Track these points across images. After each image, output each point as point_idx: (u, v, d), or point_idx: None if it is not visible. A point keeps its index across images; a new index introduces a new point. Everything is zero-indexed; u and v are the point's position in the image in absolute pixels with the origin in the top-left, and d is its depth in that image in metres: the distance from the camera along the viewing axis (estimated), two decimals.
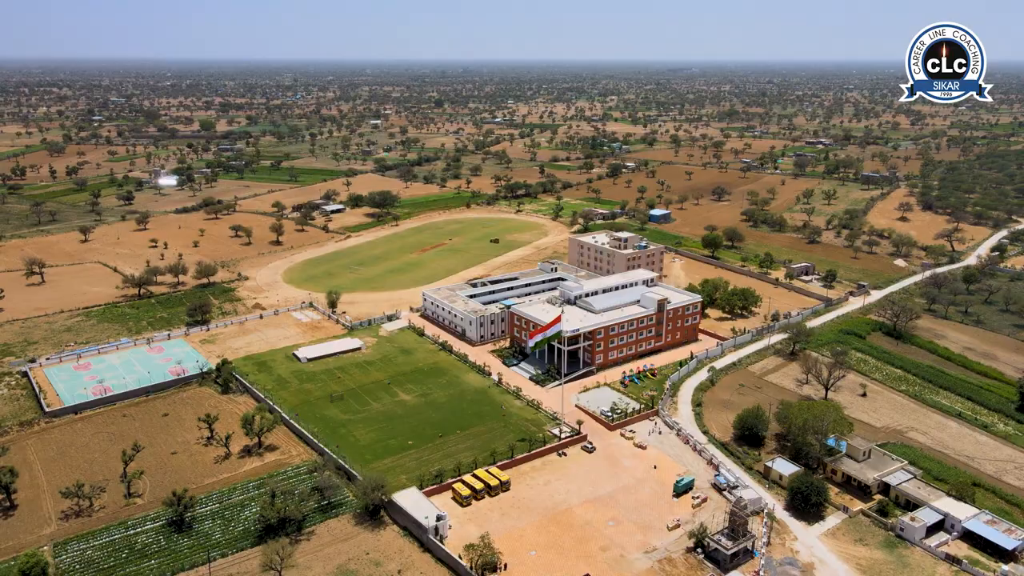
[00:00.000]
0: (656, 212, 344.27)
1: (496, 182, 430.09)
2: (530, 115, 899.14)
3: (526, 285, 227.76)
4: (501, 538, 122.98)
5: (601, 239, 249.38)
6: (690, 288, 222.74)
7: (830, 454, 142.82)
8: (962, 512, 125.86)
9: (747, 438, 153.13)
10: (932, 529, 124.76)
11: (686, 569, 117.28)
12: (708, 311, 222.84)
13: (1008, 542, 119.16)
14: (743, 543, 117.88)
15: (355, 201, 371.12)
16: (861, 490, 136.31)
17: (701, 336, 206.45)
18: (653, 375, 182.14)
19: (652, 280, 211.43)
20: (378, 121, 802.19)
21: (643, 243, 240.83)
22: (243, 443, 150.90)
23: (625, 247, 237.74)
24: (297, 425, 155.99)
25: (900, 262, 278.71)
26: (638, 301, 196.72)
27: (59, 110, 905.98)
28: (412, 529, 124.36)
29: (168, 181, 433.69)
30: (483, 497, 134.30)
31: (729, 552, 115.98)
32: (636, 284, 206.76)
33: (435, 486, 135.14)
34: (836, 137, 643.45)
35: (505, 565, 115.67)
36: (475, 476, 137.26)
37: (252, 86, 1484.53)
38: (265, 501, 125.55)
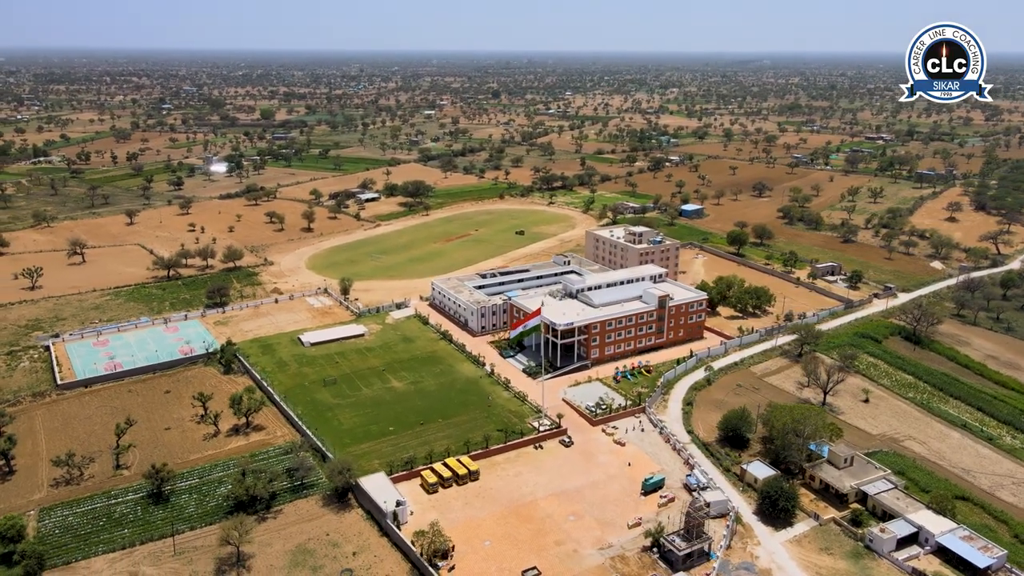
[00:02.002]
0: (688, 207, 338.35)
1: (535, 173, 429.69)
2: (585, 107, 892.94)
3: (537, 278, 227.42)
4: (459, 526, 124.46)
5: (617, 233, 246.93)
6: (702, 285, 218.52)
7: (811, 459, 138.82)
8: (938, 526, 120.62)
9: (731, 439, 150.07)
10: (905, 542, 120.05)
11: (638, 568, 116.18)
12: (720, 309, 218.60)
13: (982, 560, 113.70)
14: (698, 545, 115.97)
15: (390, 190, 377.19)
16: (839, 498, 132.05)
17: (707, 334, 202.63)
18: (648, 372, 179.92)
19: (660, 276, 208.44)
20: (432, 111, 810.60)
21: (658, 238, 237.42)
22: (232, 422, 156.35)
23: (639, 242, 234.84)
24: (285, 407, 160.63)
25: (937, 264, 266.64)
26: (640, 297, 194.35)
27: (133, 98, 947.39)
28: (374, 513, 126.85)
29: (218, 168, 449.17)
30: (450, 485, 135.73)
31: (681, 553, 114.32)
32: (643, 279, 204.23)
33: (404, 472, 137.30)
34: (899, 133, 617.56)
35: (453, 547, 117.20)
36: (445, 465, 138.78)
37: (319, 76, 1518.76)
38: (236, 479, 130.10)
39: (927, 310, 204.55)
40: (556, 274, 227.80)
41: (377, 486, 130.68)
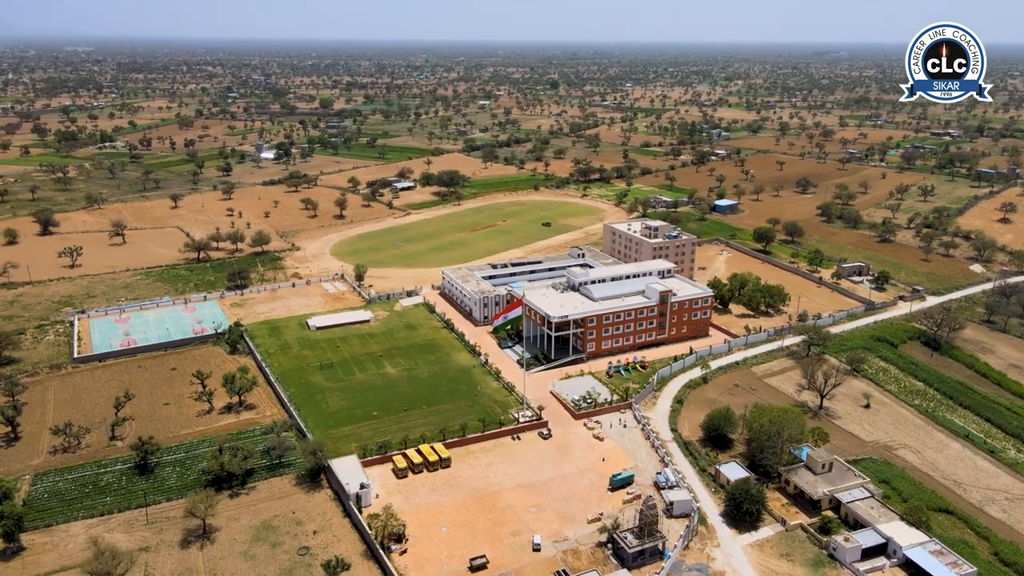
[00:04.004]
0: (722, 202, 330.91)
1: (575, 165, 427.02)
2: (642, 99, 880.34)
3: (549, 270, 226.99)
4: (421, 512, 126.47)
5: (635, 227, 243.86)
6: (714, 282, 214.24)
7: (791, 463, 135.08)
8: (907, 538, 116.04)
9: (714, 440, 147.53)
10: (871, 553, 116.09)
11: (589, 562, 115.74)
12: (732, 307, 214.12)
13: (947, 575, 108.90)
14: (650, 543, 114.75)
15: (426, 179, 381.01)
16: (812, 504, 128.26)
17: (713, 332, 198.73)
18: (643, 368, 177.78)
19: (668, 271, 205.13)
20: (487, 102, 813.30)
21: (674, 233, 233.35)
22: (227, 400, 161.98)
23: (655, 236, 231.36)
24: (278, 387, 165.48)
25: (976, 267, 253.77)
26: (643, 292, 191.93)
27: (203, 87, 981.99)
28: (341, 495, 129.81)
29: (267, 155, 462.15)
30: (421, 471, 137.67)
31: (632, 550, 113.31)
32: (649, 274, 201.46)
33: (378, 456, 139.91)
34: (968, 129, 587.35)
35: (404, 526, 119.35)
36: (418, 451, 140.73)
37: (384, 66, 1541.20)
38: (212, 455, 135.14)
39: (949, 314, 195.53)
40: (567, 266, 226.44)
41: (347, 468, 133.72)
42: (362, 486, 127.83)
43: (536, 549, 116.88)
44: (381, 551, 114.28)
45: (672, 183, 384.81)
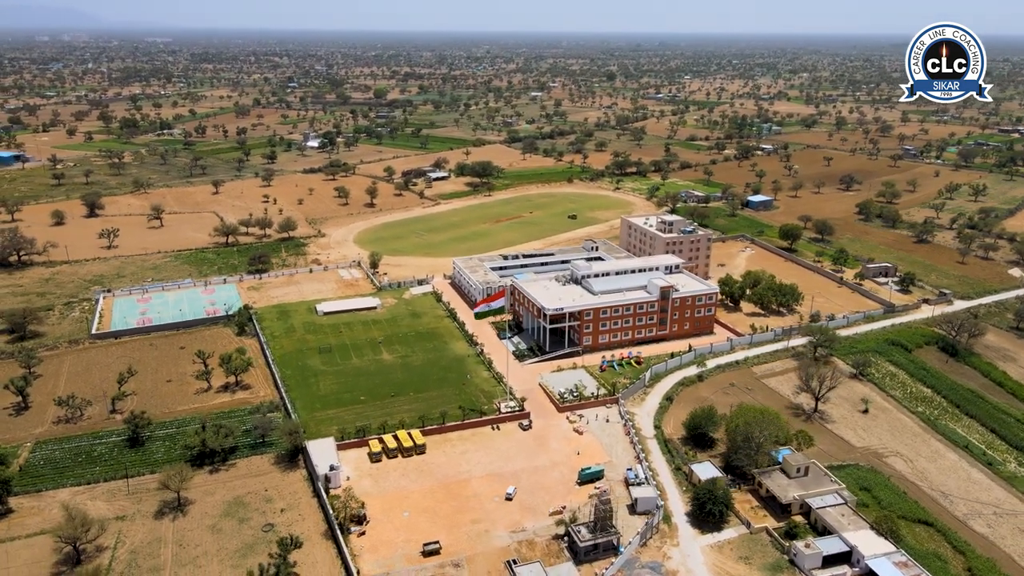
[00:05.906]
0: (755, 198, 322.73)
1: (613, 158, 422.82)
2: (698, 91, 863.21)
3: (562, 262, 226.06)
4: (387, 495, 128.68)
5: (651, 221, 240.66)
6: (726, 279, 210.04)
7: (767, 465, 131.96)
8: (872, 548, 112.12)
9: (696, 439, 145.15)
10: (835, 560, 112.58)
11: (543, 554, 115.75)
12: (743, 305, 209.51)
13: None
14: (603, 538, 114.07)
15: (460, 170, 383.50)
16: (782, 508, 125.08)
17: (719, 330, 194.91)
18: (638, 363, 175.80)
19: (676, 266, 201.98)
20: (539, 93, 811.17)
21: (689, 228, 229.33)
22: (224, 380, 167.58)
23: (669, 231, 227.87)
24: (274, 368, 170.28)
25: (1016, 271, 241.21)
26: (645, 286, 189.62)
27: (266, 77, 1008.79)
28: (313, 476, 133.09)
29: (313, 144, 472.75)
30: (395, 456, 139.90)
31: (583, 544, 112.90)
32: (656, 269, 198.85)
33: (355, 440, 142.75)
34: None
35: (363, 507, 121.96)
36: (394, 436, 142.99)
37: (445, 57, 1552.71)
38: (195, 432, 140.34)
39: (970, 320, 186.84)
40: (577, 259, 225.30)
41: (322, 450, 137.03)
42: (331, 467, 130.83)
43: (508, 498, 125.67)
44: (339, 532, 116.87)
45: (709, 178, 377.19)
